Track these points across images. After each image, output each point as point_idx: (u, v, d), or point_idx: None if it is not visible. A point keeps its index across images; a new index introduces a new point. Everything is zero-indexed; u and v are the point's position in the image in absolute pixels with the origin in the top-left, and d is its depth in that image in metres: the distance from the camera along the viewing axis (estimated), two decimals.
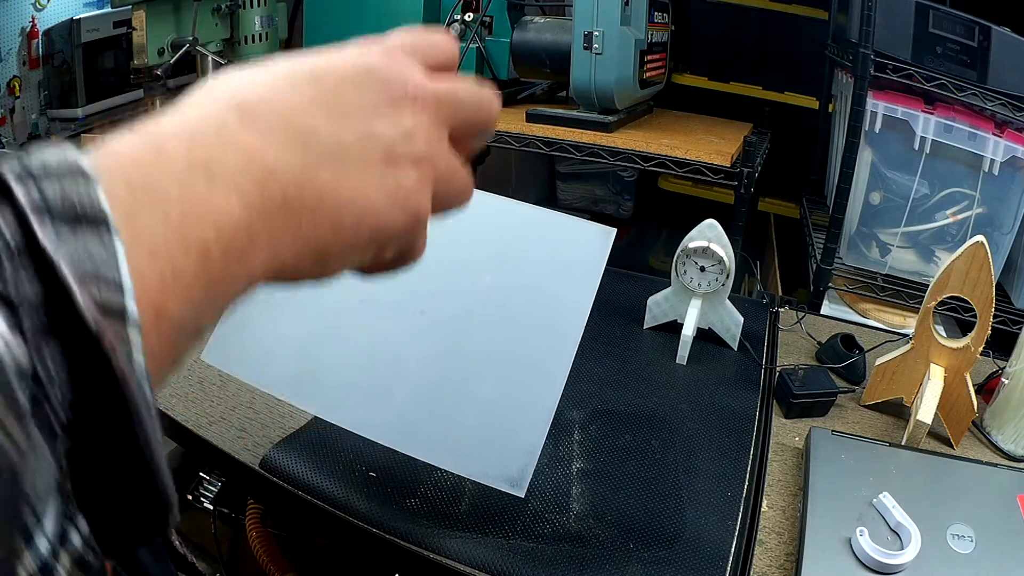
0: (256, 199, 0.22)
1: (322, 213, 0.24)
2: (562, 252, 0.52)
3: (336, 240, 0.25)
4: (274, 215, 0.23)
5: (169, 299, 0.20)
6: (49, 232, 0.17)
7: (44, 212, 0.17)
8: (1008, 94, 0.94)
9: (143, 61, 1.12)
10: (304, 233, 0.24)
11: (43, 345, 0.17)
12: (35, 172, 0.18)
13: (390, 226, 0.26)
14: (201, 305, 0.21)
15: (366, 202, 0.25)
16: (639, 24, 1.11)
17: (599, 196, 1.80)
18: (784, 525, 0.62)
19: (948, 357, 0.72)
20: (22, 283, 0.17)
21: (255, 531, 0.79)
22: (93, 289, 0.17)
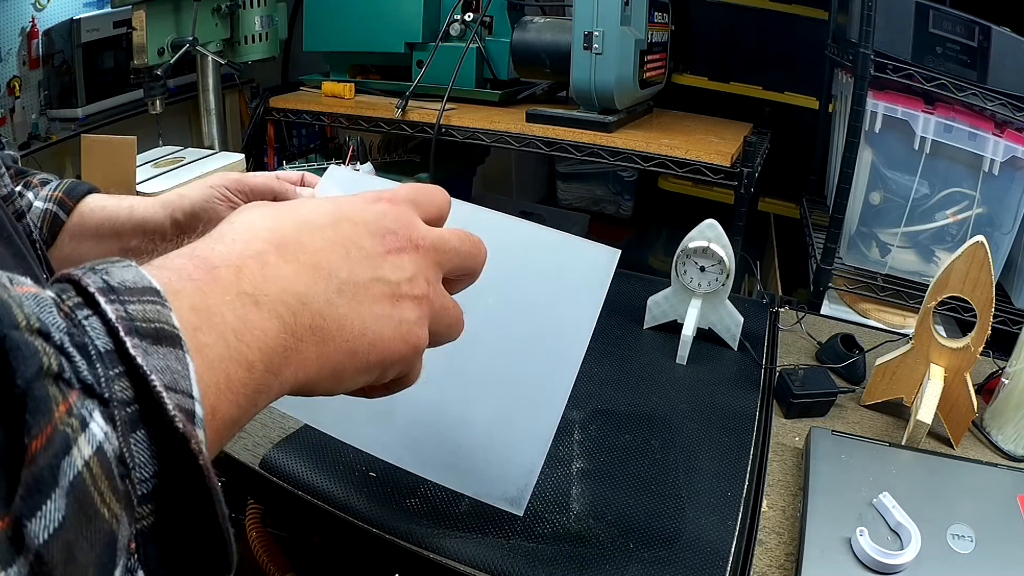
0: (291, 324, 0.27)
1: (341, 339, 0.29)
2: (565, 273, 0.52)
3: (350, 363, 0.30)
4: (304, 337, 0.27)
5: (222, 402, 0.24)
6: (137, 346, 0.21)
7: (131, 330, 0.21)
8: (1008, 94, 0.94)
9: (143, 61, 1.12)
10: (326, 354, 0.29)
11: (130, 434, 0.20)
12: (116, 289, 0.22)
13: (394, 354, 0.31)
14: (244, 407, 0.25)
15: (375, 334, 0.30)
16: (639, 24, 1.11)
17: (599, 196, 1.81)
18: (784, 525, 0.62)
19: (948, 357, 0.72)
20: (113, 385, 0.20)
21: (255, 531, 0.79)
22: (175, 397, 0.21)
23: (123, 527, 0.20)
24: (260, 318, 0.26)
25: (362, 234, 0.31)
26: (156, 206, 0.54)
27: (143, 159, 1.12)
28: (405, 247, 0.32)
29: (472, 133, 1.19)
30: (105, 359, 0.21)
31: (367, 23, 1.29)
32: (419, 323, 0.32)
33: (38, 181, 0.56)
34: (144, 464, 0.21)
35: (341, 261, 0.30)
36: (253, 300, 0.26)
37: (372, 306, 0.30)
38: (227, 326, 0.25)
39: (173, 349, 0.22)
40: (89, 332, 0.21)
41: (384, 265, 0.31)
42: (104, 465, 0.19)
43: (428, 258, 0.33)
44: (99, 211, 0.54)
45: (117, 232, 0.54)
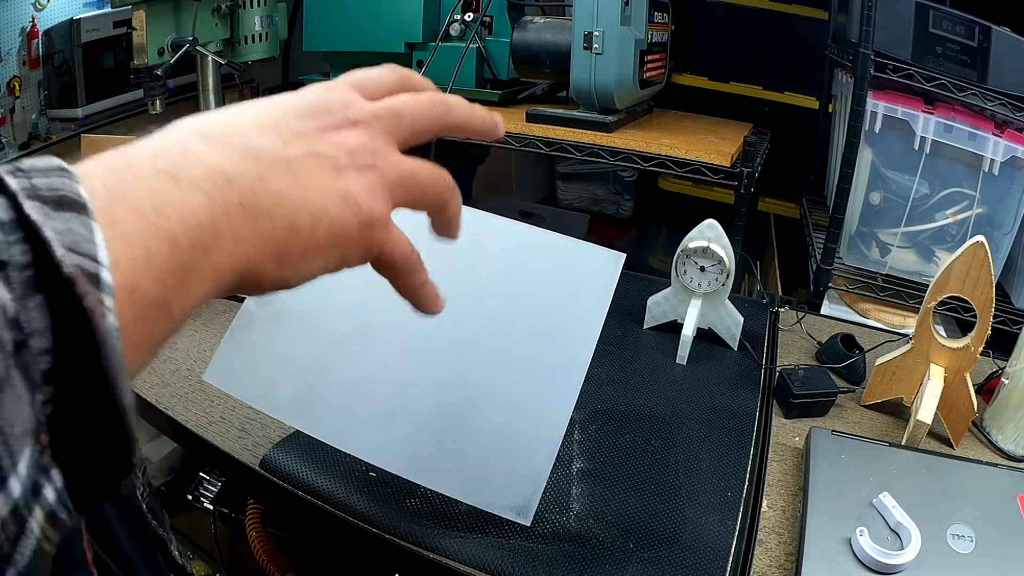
0: (218, 199, 0.25)
1: (278, 214, 0.27)
2: (571, 277, 0.51)
3: (295, 240, 0.28)
4: (234, 214, 0.26)
5: (142, 279, 0.22)
6: (37, 210, 0.20)
7: (33, 196, 0.20)
8: (1008, 94, 0.93)
9: (143, 61, 1.12)
10: (263, 232, 0.27)
11: (28, 298, 0.19)
12: (24, 168, 0.21)
13: (343, 227, 0.29)
14: (172, 287, 0.24)
15: (317, 205, 0.28)
16: (639, 24, 1.11)
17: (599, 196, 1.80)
18: (784, 525, 0.62)
19: (948, 357, 0.72)
20: (12, 248, 0.19)
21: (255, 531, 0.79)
22: (75, 257, 0.20)
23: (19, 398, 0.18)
24: (180, 194, 0.24)
25: (291, 116, 0.30)
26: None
27: None
28: (341, 124, 0.31)
29: None
30: (6, 227, 0.19)
31: (367, 23, 1.29)
32: (369, 192, 0.30)
33: None
34: (41, 332, 0.19)
35: (271, 140, 0.28)
36: (172, 177, 0.24)
37: (311, 179, 0.29)
38: (143, 201, 0.23)
39: (77, 214, 0.21)
40: None
41: (318, 141, 0.30)
42: None
43: (370, 131, 0.32)
44: None
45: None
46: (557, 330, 0.51)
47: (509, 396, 0.51)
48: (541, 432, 0.50)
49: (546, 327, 0.51)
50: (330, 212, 0.29)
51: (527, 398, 0.51)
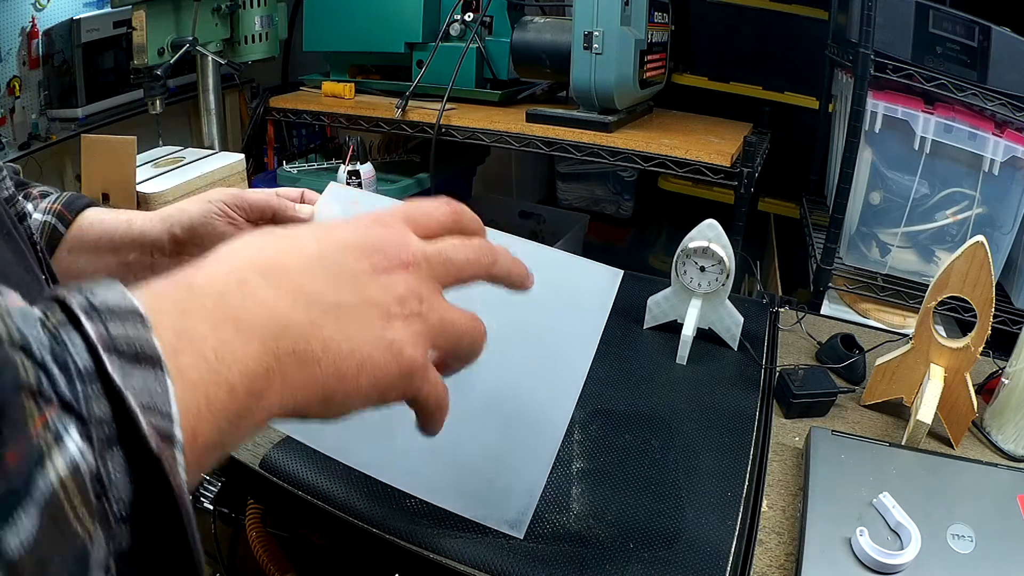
0: (272, 348, 0.27)
1: (327, 361, 0.29)
2: (569, 294, 0.51)
3: (340, 387, 0.29)
4: (286, 361, 0.27)
5: (203, 424, 0.24)
6: (116, 366, 0.21)
7: (112, 349, 0.22)
8: (1008, 94, 0.93)
9: (143, 61, 1.12)
10: (312, 377, 0.28)
11: (107, 453, 0.21)
12: (100, 309, 0.23)
13: (386, 375, 0.31)
14: (226, 432, 0.25)
15: (364, 354, 0.30)
16: (639, 24, 1.11)
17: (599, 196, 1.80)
18: (784, 525, 0.62)
19: (948, 357, 0.72)
20: (92, 402, 0.21)
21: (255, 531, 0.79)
22: (152, 417, 0.22)
23: (98, 545, 0.20)
24: (240, 341, 0.26)
25: (348, 256, 0.31)
26: (154, 220, 0.54)
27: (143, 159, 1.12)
28: (394, 266, 0.32)
29: (472, 133, 1.19)
30: (85, 377, 0.21)
31: (367, 23, 1.29)
32: (412, 342, 0.32)
33: (37, 193, 0.55)
34: (120, 484, 0.21)
35: (326, 283, 0.30)
36: (233, 323, 0.26)
37: (360, 327, 0.30)
38: (207, 347, 0.25)
39: (152, 369, 0.22)
40: (70, 349, 0.21)
41: (372, 285, 0.31)
42: (78, 481, 0.20)
43: (420, 274, 0.33)
44: (97, 224, 0.54)
45: (115, 246, 0.54)
46: (554, 347, 0.51)
47: (506, 411, 0.51)
48: (536, 448, 0.50)
49: (544, 344, 0.51)
50: (375, 361, 0.30)
51: (523, 414, 0.51)
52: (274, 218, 0.55)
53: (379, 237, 0.33)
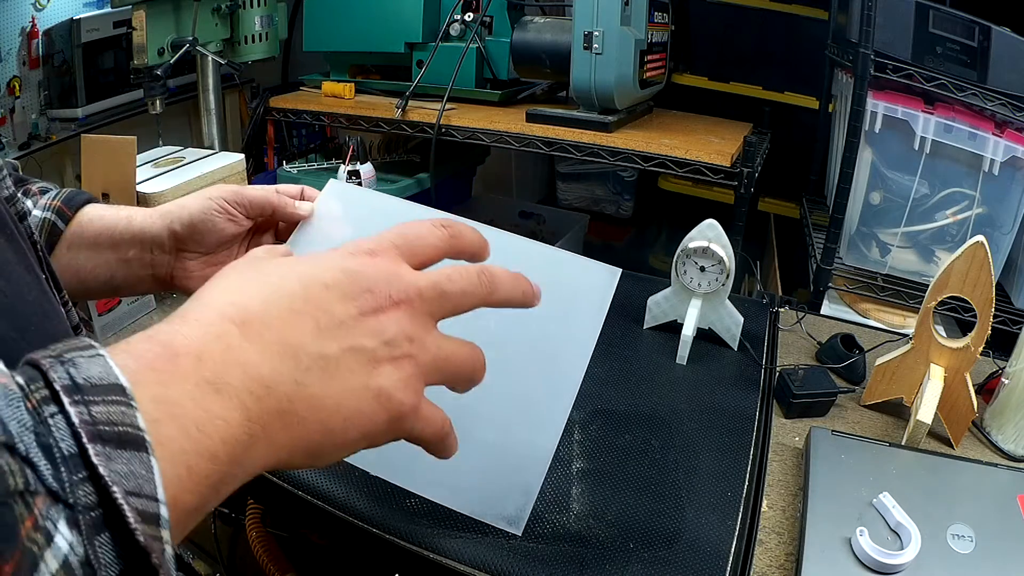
0: (256, 412, 0.26)
1: (313, 419, 0.28)
2: (567, 292, 0.51)
3: (327, 441, 0.29)
4: (271, 424, 0.27)
5: (184, 493, 0.24)
6: (101, 453, 0.22)
7: (96, 437, 0.22)
8: (1008, 94, 0.93)
9: (143, 61, 1.12)
10: (297, 435, 0.28)
11: (95, 537, 0.21)
12: (83, 388, 0.22)
13: (374, 424, 0.30)
14: (207, 497, 0.26)
15: (351, 408, 0.29)
16: (639, 24, 1.11)
17: (599, 196, 1.81)
18: (784, 525, 0.62)
19: (948, 357, 0.72)
20: (77, 489, 0.21)
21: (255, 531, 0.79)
22: (138, 503, 0.22)
23: None
24: (222, 408, 0.26)
25: (333, 299, 0.30)
26: (154, 217, 0.54)
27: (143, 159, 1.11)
28: (383, 306, 0.31)
29: (472, 133, 1.19)
30: (69, 463, 0.21)
31: (367, 23, 1.29)
32: (402, 386, 0.31)
33: (37, 189, 0.55)
34: (109, 564, 0.22)
35: (310, 334, 0.29)
36: (215, 388, 0.26)
37: (346, 379, 0.29)
38: (188, 418, 0.25)
39: (137, 452, 0.22)
40: (54, 433, 0.22)
41: (358, 330, 0.30)
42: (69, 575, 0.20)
43: (412, 311, 0.31)
44: (97, 221, 0.54)
45: (115, 242, 0.53)
46: (552, 345, 0.51)
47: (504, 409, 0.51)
48: (533, 446, 0.50)
49: (542, 342, 0.51)
50: (363, 412, 0.29)
51: (521, 412, 0.51)
52: (274, 215, 0.55)
53: (367, 274, 0.31)
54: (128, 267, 0.54)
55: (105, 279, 0.54)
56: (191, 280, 0.54)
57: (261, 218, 0.55)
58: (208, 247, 0.54)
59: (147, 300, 0.96)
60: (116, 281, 0.54)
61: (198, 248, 0.54)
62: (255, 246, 0.56)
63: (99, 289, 0.55)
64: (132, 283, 0.54)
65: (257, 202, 0.54)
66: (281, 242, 0.57)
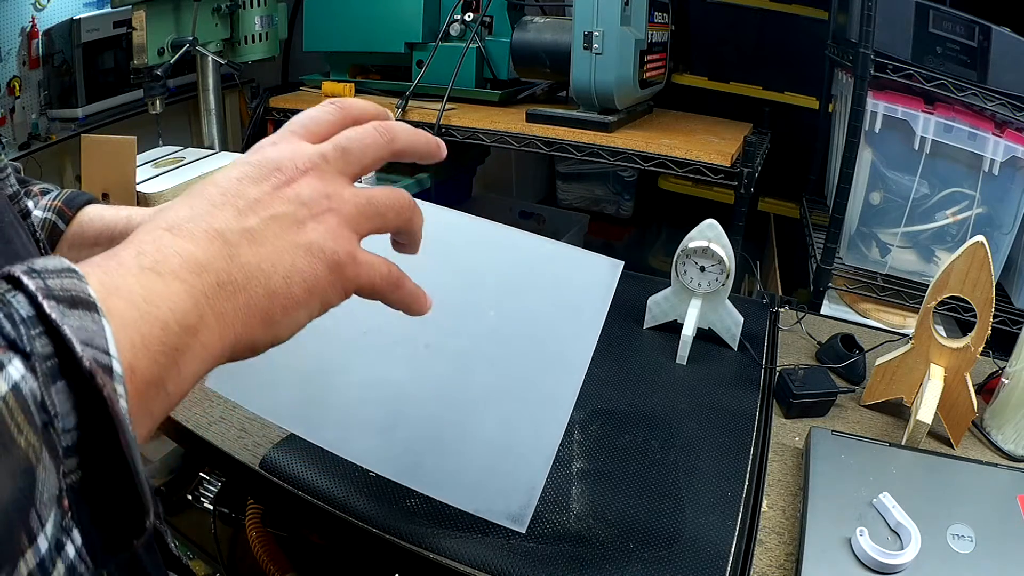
0: (197, 285, 0.28)
1: (253, 285, 0.30)
2: (569, 286, 0.51)
3: (275, 303, 0.30)
4: (213, 295, 0.28)
5: (140, 360, 0.25)
6: (55, 308, 0.23)
7: (49, 296, 0.23)
8: (1008, 94, 0.93)
9: (143, 61, 1.12)
10: (243, 304, 0.29)
11: (51, 385, 0.22)
12: (38, 269, 0.24)
13: (315, 277, 0.32)
14: (165, 367, 0.26)
15: (286, 266, 0.31)
16: (639, 24, 1.11)
17: (599, 196, 1.81)
18: (784, 525, 0.62)
19: (948, 357, 0.72)
20: (34, 341, 0.22)
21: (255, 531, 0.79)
22: (90, 352, 0.23)
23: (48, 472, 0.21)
24: (163, 285, 0.27)
25: (246, 185, 0.32)
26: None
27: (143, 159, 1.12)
28: (292, 177, 0.33)
29: (472, 133, 1.19)
30: (28, 322, 0.22)
31: (367, 23, 1.29)
32: (331, 236, 0.32)
33: (38, 190, 0.56)
34: (65, 414, 0.22)
35: (232, 218, 0.31)
36: (155, 272, 0.27)
37: (274, 243, 0.31)
38: (135, 294, 0.26)
39: (88, 312, 0.24)
40: (13, 304, 0.23)
41: (275, 202, 0.32)
42: (20, 402, 0.21)
43: (320, 174, 0.33)
44: (97, 221, 0.55)
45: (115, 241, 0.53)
46: (555, 339, 0.51)
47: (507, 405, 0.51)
48: (537, 441, 0.50)
49: (544, 336, 0.51)
50: (299, 267, 0.31)
51: (524, 407, 0.51)
52: None
53: (271, 157, 0.33)
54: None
55: None
56: None
57: None
58: None
59: None
60: None
61: None
62: None
63: None
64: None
65: None
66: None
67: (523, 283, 0.51)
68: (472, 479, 0.53)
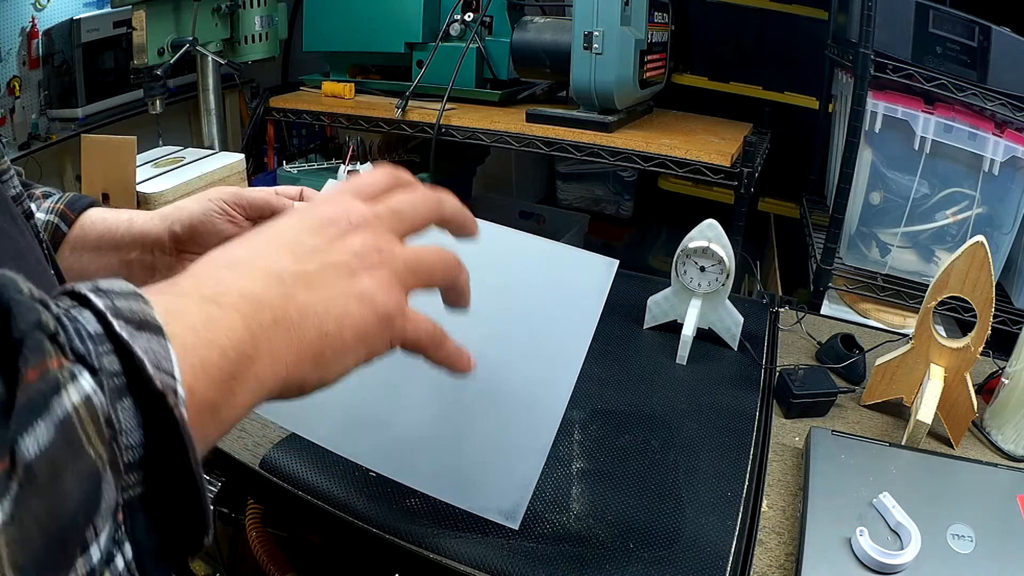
0: (253, 320, 0.29)
1: (307, 324, 0.31)
2: (564, 285, 0.52)
3: (326, 344, 0.31)
4: (269, 330, 0.29)
5: (199, 383, 0.26)
6: (124, 328, 0.23)
7: (119, 315, 0.24)
8: (1008, 94, 0.93)
9: (143, 61, 1.12)
10: (297, 341, 0.30)
11: (117, 402, 0.22)
12: (104, 289, 0.25)
13: (365, 324, 0.33)
14: (222, 392, 0.27)
15: (339, 310, 0.32)
16: (639, 24, 1.11)
17: (599, 196, 1.81)
18: (784, 525, 0.62)
19: (948, 357, 0.72)
20: (103, 358, 0.23)
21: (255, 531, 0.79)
22: (159, 374, 0.23)
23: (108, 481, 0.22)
24: (223, 315, 0.28)
25: (303, 234, 0.34)
26: (155, 219, 0.55)
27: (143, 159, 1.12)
28: (346, 231, 0.34)
29: (472, 133, 1.19)
30: (96, 339, 0.23)
31: (367, 23, 1.29)
32: (383, 288, 0.34)
33: (40, 194, 0.56)
34: (131, 431, 0.23)
35: (289, 261, 0.32)
36: (214, 302, 0.28)
37: (329, 288, 0.32)
38: (195, 321, 0.27)
39: (155, 335, 0.24)
40: (80, 320, 0.23)
41: (330, 251, 0.33)
42: (91, 413, 0.21)
43: (373, 230, 0.35)
44: (99, 224, 0.55)
45: (116, 244, 0.54)
46: (551, 337, 0.51)
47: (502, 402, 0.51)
48: (531, 439, 0.50)
49: (540, 334, 0.51)
50: (352, 313, 0.32)
51: (519, 404, 0.51)
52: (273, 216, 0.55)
53: (327, 212, 0.35)
54: (130, 269, 0.54)
55: None
56: None
57: (261, 219, 0.56)
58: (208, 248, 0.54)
59: None
60: None
61: (199, 249, 0.54)
62: None
63: None
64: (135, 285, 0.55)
65: (257, 203, 0.55)
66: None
67: (519, 282, 0.52)
68: (467, 477, 0.53)
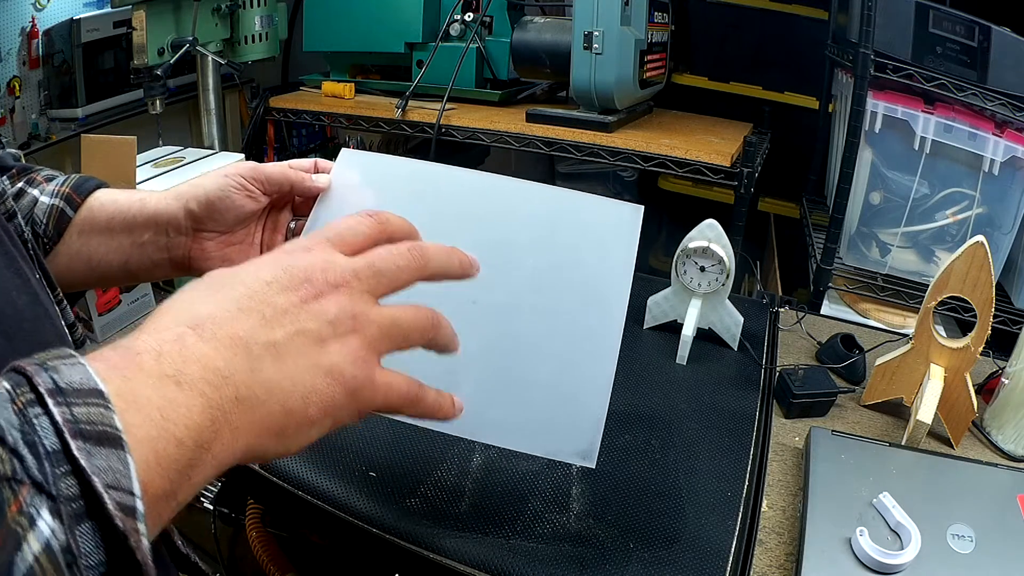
0: (216, 400, 0.28)
1: (272, 401, 0.30)
2: (597, 230, 0.53)
3: (289, 420, 0.31)
4: (231, 410, 0.29)
5: (154, 477, 0.25)
6: (82, 449, 0.23)
7: (77, 434, 0.23)
8: (1008, 94, 0.94)
9: (143, 61, 1.12)
10: (259, 419, 0.30)
11: (75, 527, 0.23)
12: (65, 391, 0.24)
13: (332, 399, 0.32)
14: (177, 482, 0.27)
15: (306, 386, 0.31)
16: (639, 24, 1.11)
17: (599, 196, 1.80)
18: (784, 525, 0.62)
19: (948, 357, 0.72)
20: (60, 482, 0.23)
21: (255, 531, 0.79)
22: (115, 495, 0.23)
23: None
24: (183, 396, 0.27)
25: (275, 292, 0.32)
26: (169, 198, 0.53)
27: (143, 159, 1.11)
28: (322, 291, 0.33)
29: (472, 133, 1.19)
30: (53, 458, 0.23)
31: (367, 23, 1.29)
32: (352, 360, 0.33)
33: (43, 177, 0.54)
34: (90, 553, 0.23)
35: (258, 326, 0.31)
36: (175, 381, 0.27)
37: (296, 360, 0.31)
38: (152, 406, 0.26)
39: (115, 450, 0.24)
40: (39, 431, 0.23)
41: (301, 315, 0.32)
42: (51, 558, 0.22)
43: (350, 292, 0.34)
44: (110, 205, 0.53)
45: (129, 226, 0.53)
46: (593, 279, 0.52)
47: (558, 347, 0.52)
48: (592, 376, 0.51)
49: (582, 278, 0.53)
50: (318, 389, 0.31)
51: (575, 346, 0.52)
52: (291, 190, 0.54)
53: (304, 266, 0.33)
54: (143, 251, 0.53)
55: (119, 264, 0.53)
56: (209, 262, 0.53)
57: (278, 194, 0.55)
58: (227, 225, 0.54)
59: (147, 300, 0.96)
60: (131, 266, 0.53)
61: (216, 227, 0.53)
62: (272, 223, 0.56)
63: (113, 275, 0.54)
64: (148, 267, 0.54)
65: (275, 178, 0.54)
66: (298, 217, 0.57)
67: (555, 232, 0.53)
68: (537, 424, 0.53)
